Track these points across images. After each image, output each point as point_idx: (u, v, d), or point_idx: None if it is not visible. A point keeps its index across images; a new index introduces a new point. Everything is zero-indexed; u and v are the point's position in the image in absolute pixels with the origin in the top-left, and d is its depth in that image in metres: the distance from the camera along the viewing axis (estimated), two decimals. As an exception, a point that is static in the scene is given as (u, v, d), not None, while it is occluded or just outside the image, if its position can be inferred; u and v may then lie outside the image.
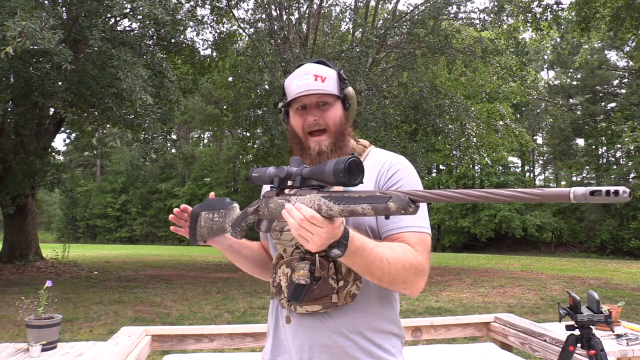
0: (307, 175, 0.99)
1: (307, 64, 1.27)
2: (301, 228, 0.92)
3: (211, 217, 1.24)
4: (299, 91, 1.21)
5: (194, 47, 11.97)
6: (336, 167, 0.91)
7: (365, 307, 1.18)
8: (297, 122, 1.25)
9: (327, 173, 0.93)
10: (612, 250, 23.80)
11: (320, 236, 0.92)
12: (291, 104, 1.25)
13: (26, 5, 5.90)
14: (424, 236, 1.16)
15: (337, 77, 1.25)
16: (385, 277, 1.05)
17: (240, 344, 2.73)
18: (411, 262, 1.08)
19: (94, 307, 7.02)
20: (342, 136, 1.24)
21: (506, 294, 8.54)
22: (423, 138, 12.87)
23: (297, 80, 1.23)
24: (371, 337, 1.18)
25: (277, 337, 1.29)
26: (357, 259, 1.00)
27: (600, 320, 2.01)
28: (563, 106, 28.82)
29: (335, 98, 1.24)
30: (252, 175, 1.10)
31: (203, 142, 41.51)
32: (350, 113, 1.28)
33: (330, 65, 1.28)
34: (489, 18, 11.58)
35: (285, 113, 1.31)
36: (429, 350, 2.85)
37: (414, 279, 1.09)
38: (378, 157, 1.27)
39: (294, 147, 1.28)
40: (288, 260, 1.17)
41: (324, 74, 1.23)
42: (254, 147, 17.52)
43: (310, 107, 1.23)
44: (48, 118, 12.14)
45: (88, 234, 39.32)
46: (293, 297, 1.12)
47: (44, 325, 2.47)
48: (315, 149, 1.22)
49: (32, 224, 12.38)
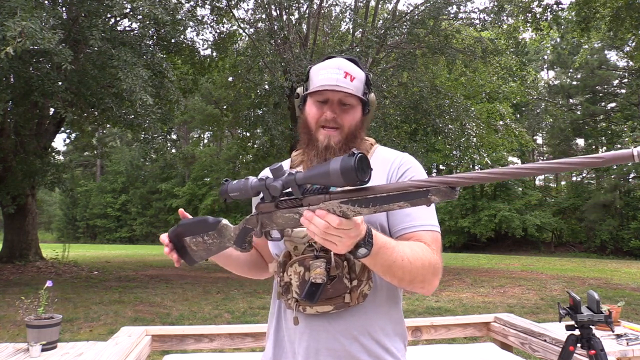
0: (301, 180, 0.91)
1: (339, 58, 1.22)
2: (327, 234, 0.88)
3: (202, 240, 1.16)
4: (327, 84, 1.16)
5: (194, 47, 11.97)
6: (344, 165, 0.83)
7: (375, 308, 1.17)
8: (313, 112, 1.20)
9: (334, 173, 0.85)
10: (612, 250, 23.78)
11: (350, 236, 0.89)
12: (312, 93, 1.20)
13: (26, 5, 5.90)
14: (436, 235, 1.16)
15: (365, 80, 1.22)
16: (407, 276, 1.03)
17: (240, 344, 2.73)
18: (429, 261, 1.07)
19: (94, 307, 7.02)
20: (354, 139, 1.21)
21: (506, 294, 8.54)
22: (423, 138, 12.87)
23: (327, 72, 1.18)
24: (379, 339, 1.16)
25: (279, 340, 1.25)
26: (380, 258, 0.98)
27: (600, 320, 2.01)
28: (563, 106, 28.82)
29: (358, 101, 1.20)
30: (228, 192, 1.01)
31: (203, 142, 41.49)
32: (367, 119, 1.25)
33: (361, 67, 1.24)
34: (489, 18, 11.59)
35: (302, 100, 1.25)
36: (429, 350, 2.85)
37: (432, 278, 1.09)
38: (386, 154, 1.26)
39: (301, 137, 1.25)
40: (301, 258, 1.12)
41: (354, 74, 1.19)
42: (254, 147, 17.53)
43: (332, 103, 1.18)
44: (48, 118, 12.15)
45: (88, 234, 39.31)
46: (308, 296, 1.08)
47: (44, 325, 2.47)
48: (324, 142, 1.18)
49: (32, 224, 12.37)
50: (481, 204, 26.84)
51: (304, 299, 1.10)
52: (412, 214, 1.15)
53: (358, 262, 1.10)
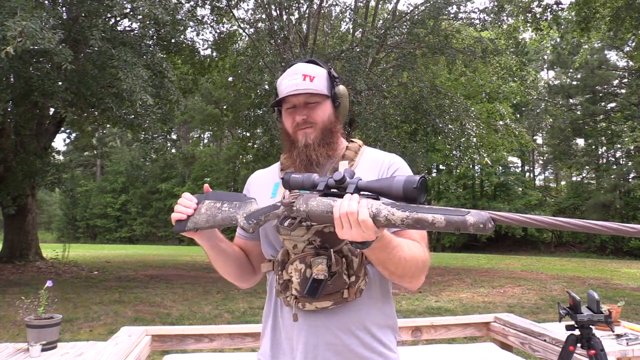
0: (363, 187, 0.98)
1: (297, 64, 1.28)
2: (346, 218, 0.93)
3: (219, 206, 1.18)
4: (288, 91, 1.22)
5: (194, 47, 11.96)
6: (409, 180, 0.91)
7: (370, 303, 1.21)
8: (287, 121, 1.27)
9: (396, 186, 0.92)
10: (612, 250, 23.79)
11: (360, 235, 0.93)
12: (282, 103, 1.27)
13: (26, 5, 5.90)
14: (424, 232, 1.21)
15: (327, 76, 1.27)
16: (399, 271, 1.10)
17: (240, 344, 2.73)
18: (422, 258, 1.13)
19: (94, 307, 7.02)
20: (330, 133, 1.26)
21: (506, 294, 8.54)
22: (423, 138, 12.87)
23: (287, 80, 1.24)
24: (374, 332, 1.21)
25: (276, 337, 1.28)
26: (379, 253, 1.04)
27: (600, 320, 2.01)
28: (563, 106, 28.81)
29: (323, 97, 1.25)
30: (290, 178, 1.07)
31: (203, 142, 41.53)
32: (340, 111, 1.29)
33: (321, 64, 1.29)
34: (489, 18, 11.57)
35: (278, 112, 1.32)
36: (429, 350, 2.85)
37: (420, 275, 1.16)
38: (375, 156, 1.30)
39: (284, 144, 1.31)
40: (302, 255, 1.14)
41: (312, 73, 1.23)
42: (254, 147, 17.51)
43: (299, 107, 1.24)
44: (48, 118, 12.14)
45: (88, 234, 39.32)
46: (310, 292, 1.11)
47: (44, 325, 2.46)
48: (302, 141, 1.23)
49: (32, 224, 12.38)
50: (481, 203, 26.86)
51: (305, 295, 1.13)
52: None
53: (355, 259, 1.14)
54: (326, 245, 1.13)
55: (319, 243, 1.13)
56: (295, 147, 1.25)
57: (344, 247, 1.14)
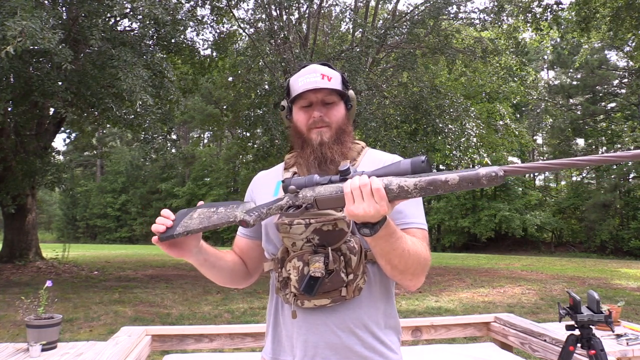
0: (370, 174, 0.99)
1: (313, 64, 1.30)
2: (360, 192, 0.94)
3: (213, 210, 1.15)
4: (307, 87, 1.23)
5: (194, 47, 11.94)
6: (415, 159, 0.95)
7: (370, 302, 1.21)
8: (301, 118, 1.28)
9: (404, 166, 0.95)
10: (612, 250, 23.77)
11: (374, 206, 0.94)
12: (296, 101, 1.28)
13: (26, 5, 5.89)
14: (425, 232, 1.23)
15: (341, 80, 1.30)
16: (401, 266, 1.10)
17: (240, 344, 2.73)
18: (424, 256, 1.14)
19: (94, 307, 7.02)
20: (343, 133, 1.28)
21: (506, 294, 8.54)
22: (423, 138, 12.85)
23: (304, 77, 1.25)
24: (375, 332, 1.21)
25: (277, 335, 1.29)
26: (384, 243, 1.04)
27: (600, 320, 2.01)
28: (563, 106, 28.80)
29: (339, 97, 1.28)
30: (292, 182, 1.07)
31: (203, 142, 41.47)
32: (351, 114, 1.32)
33: (334, 68, 1.32)
34: (489, 18, 11.57)
35: (289, 110, 1.33)
36: (429, 350, 2.85)
37: (421, 273, 1.16)
38: (378, 155, 1.33)
39: (295, 142, 1.31)
40: (300, 253, 1.16)
41: (330, 74, 1.26)
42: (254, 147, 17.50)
43: (317, 104, 1.26)
44: (48, 118, 12.14)
45: (88, 234, 39.30)
46: (306, 289, 1.13)
47: (44, 325, 2.46)
48: (317, 139, 1.24)
49: (32, 224, 12.37)
50: (481, 203, 26.83)
51: (302, 292, 1.14)
52: (404, 211, 1.21)
53: (354, 257, 1.15)
54: (324, 243, 1.14)
55: (317, 241, 1.14)
56: (309, 145, 1.25)
57: (343, 245, 1.14)
